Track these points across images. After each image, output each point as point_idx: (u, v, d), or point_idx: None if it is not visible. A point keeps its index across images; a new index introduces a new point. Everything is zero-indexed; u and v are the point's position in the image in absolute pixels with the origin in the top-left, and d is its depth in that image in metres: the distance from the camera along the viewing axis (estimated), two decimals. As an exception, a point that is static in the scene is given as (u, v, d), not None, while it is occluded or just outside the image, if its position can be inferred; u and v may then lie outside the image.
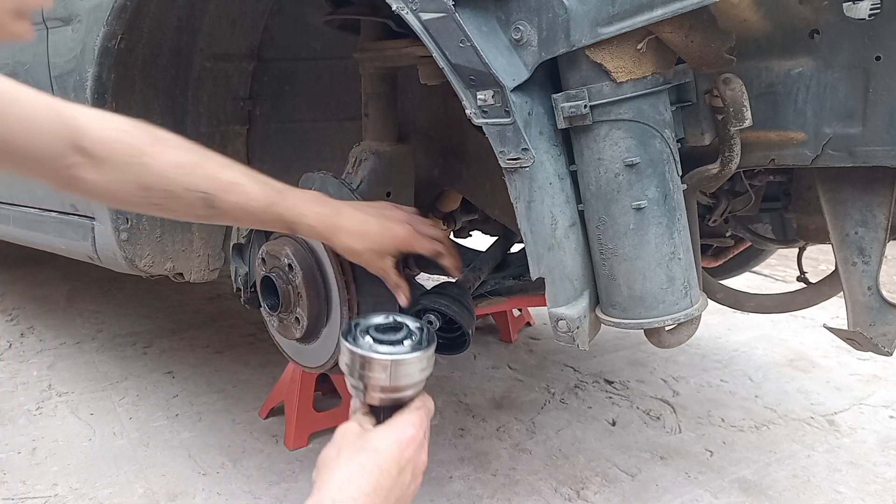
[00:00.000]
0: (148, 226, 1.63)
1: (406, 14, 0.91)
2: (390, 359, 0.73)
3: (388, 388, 0.75)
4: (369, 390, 0.75)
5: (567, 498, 1.67)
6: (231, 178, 0.95)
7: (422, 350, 0.76)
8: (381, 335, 0.77)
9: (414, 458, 0.74)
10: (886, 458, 1.86)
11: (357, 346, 0.75)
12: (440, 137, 1.48)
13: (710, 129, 0.95)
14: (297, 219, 0.99)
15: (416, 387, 0.77)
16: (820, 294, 1.30)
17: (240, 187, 0.95)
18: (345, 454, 0.72)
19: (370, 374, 0.74)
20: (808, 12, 0.84)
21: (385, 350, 0.74)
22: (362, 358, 0.74)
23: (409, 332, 0.78)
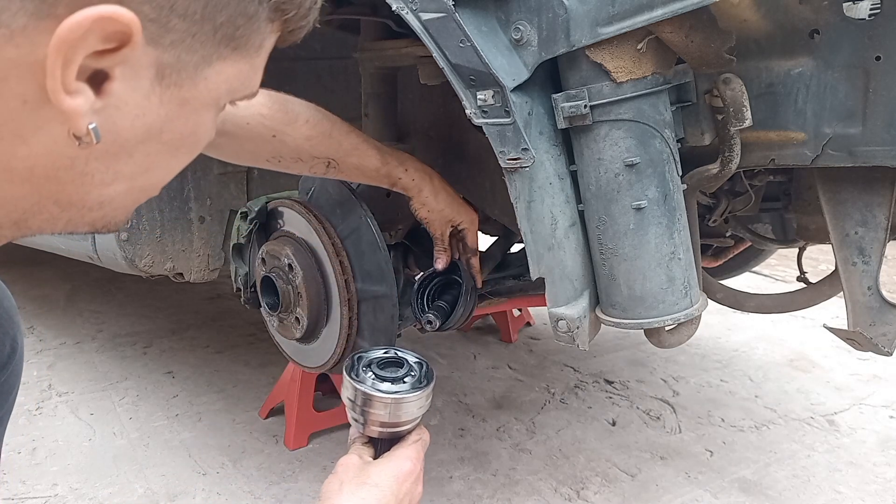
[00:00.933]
0: (148, 226, 1.63)
1: (406, 14, 0.91)
2: (392, 398, 0.77)
3: (387, 423, 0.78)
4: (369, 424, 0.79)
5: (567, 498, 1.67)
6: (352, 143, 1.10)
7: (421, 389, 0.79)
8: (383, 371, 0.81)
9: (410, 491, 0.78)
10: (886, 458, 1.86)
11: (360, 381, 0.78)
12: (440, 137, 1.48)
13: (710, 129, 0.95)
14: (400, 173, 1.15)
15: (415, 422, 0.80)
16: (820, 294, 1.30)
17: (358, 151, 1.11)
18: (347, 488, 0.75)
19: (371, 410, 0.77)
20: (808, 12, 0.84)
21: (387, 388, 0.78)
22: (365, 395, 0.77)
23: (409, 368, 0.82)
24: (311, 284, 1.23)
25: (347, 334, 1.23)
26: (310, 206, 1.26)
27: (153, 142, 0.52)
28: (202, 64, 0.51)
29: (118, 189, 0.54)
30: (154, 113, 0.50)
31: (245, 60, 0.55)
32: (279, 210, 1.32)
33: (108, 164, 0.51)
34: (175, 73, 0.50)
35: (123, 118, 0.49)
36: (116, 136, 0.49)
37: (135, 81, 0.48)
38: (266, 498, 1.65)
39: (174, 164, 0.58)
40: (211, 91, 0.54)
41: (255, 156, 1.07)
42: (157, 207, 1.64)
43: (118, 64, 0.46)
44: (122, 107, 0.48)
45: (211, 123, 0.58)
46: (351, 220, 1.21)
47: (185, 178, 1.65)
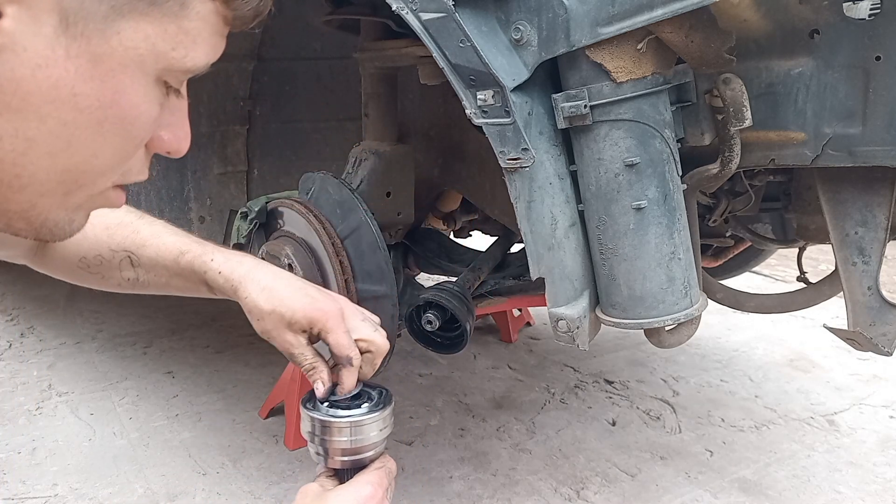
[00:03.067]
0: (148, 226, 1.63)
1: (406, 14, 0.91)
2: (348, 421, 0.75)
3: (348, 450, 0.76)
4: (330, 454, 0.77)
5: (567, 498, 1.67)
6: (151, 232, 0.89)
7: (379, 411, 0.77)
8: (339, 400, 0.79)
9: None
10: (886, 458, 1.86)
11: (316, 410, 0.77)
12: (440, 137, 1.48)
13: (710, 129, 0.95)
14: (205, 266, 0.87)
15: (377, 447, 0.78)
16: (820, 294, 1.30)
17: (156, 238, 0.89)
18: None
19: (330, 438, 0.76)
20: (808, 12, 0.84)
21: (343, 413, 0.76)
22: (322, 423, 0.76)
23: (367, 396, 0.80)
24: (311, 284, 1.23)
25: (347, 334, 1.23)
26: (310, 205, 1.26)
27: (66, 106, 0.48)
28: (112, 14, 0.47)
29: (38, 164, 0.49)
30: (61, 66, 0.46)
31: (169, 20, 0.50)
32: (279, 210, 1.32)
33: (14, 123, 0.47)
34: (81, 22, 0.46)
35: (22, 64, 0.45)
36: (17, 85, 0.45)
37: (34, 26, 0.44)
38: (266, 498, 1.65)
39: (102, 143, 0.51)
40: (128, 49, 0.48)
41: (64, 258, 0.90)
42: (157, 207, 1.64)
43: (11, 2, 0.43)
44: (21, 52, 0.44)
45: (140, 95, 0.51)
46: (351, 220, 1.21)
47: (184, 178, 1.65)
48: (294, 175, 1.30)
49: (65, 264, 0.90)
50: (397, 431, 1.96)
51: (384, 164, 1.35)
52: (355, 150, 1.39)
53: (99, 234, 0.88)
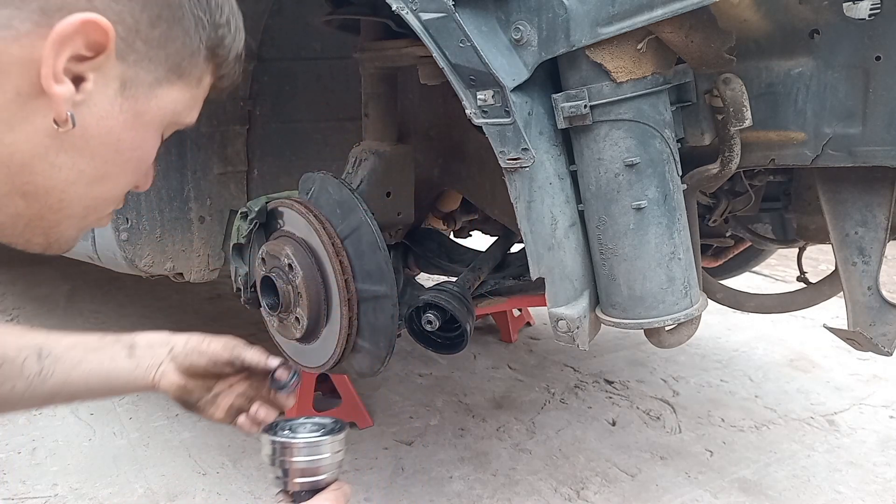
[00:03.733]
0: (148, 226, 1.63)
1: (406, 14, 0.91)
2: (305, 441, 0.82)
3: (306, 471, 0.82)
4: (289, 477, 0.82)
5: (567, 498, 1.67)
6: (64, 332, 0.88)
7: (333, 434, 0.83)
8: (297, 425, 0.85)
9: None
10: (886, 458, 1.86)
11: (274, 434, 0.83)
12: (440, 137, 1.48)
13: (710, 129, 0.95)
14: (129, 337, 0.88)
15: (332, 470, 0.83)
16: (820, 294, 1.30)
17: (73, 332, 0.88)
18: None
19: (287, 459, 0.81)
20: (808, 12, 0.84)
21: (301, 436, 0.83)
22: (280, 444, 0.81)
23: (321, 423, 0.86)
24: (311, 284, 1.23)
25: (347, 334, 1.23)
26: (310, 205, 1.26)
27: (112, 148, 0.62)
28: (155, 84, 0.62)
29: (77, 192, 0.62)
30: (115, 118, 0.60)
31: (188, 90, 0.66)
32: (279, 210, 1.32)
33: (74, 159, 0.60)
34: (134, 87, 0.61)
35: (92, 115, 0.59)
36: (85, 130, 0.59)
37: (104, 87, 0.59)
38: (266, 498, 1.65)
39: (122, 177, 0.66)
40: (160, 109, 0.64)
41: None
42: (157, 207, 1.64)
43: (93, 70, 0.57)
44: (93, 106, 0.58)
45: (153, 144, 0.67)
46: (351, 220, 1.21)
47: (185, 178, 1.65)
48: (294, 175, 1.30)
49: None
50: (397, 431, 1.97)
51: (384, 164, 1.35)
52: (355, 150, 1.39)
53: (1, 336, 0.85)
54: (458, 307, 1.22)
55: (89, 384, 0.86)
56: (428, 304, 1.22)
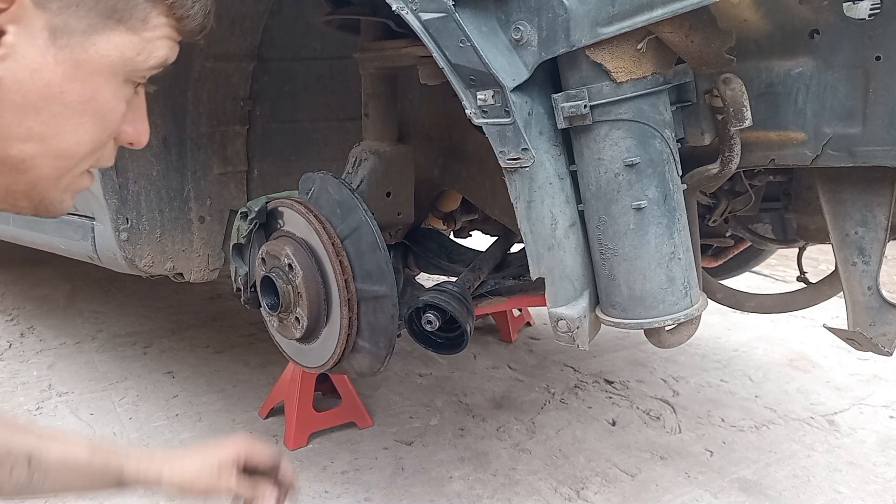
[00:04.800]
0: (148, 226, 1.63)
1: (406, 14, 0.91)
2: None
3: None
4: None
5: (567, 498, 1.67)
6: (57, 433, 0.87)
7: None
8: None
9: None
10: (886, 458, 1.86)
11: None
12: (440, 137, 1.48)
13: (710, 129, 0.95)
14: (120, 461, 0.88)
15: None
16: (820, 294, 1.30)
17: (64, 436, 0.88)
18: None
19: None
20: (808, 12, 0.84)
21: None
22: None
23: None
24: (311, 284, 1.23)
25: (347, 334, 1.23)
26: (310, 206, 1.26)
27: (56, 102, 0.60)
28: (90, 31, 0.60)
29: (35, 150, 0.61)
30: (51, 70, 0.59)
31: (133, 33, 0.63)
32: (279, 210, 1.32)
33: (18, 117, 0.59)
34: (66, 36, 0.59)
35: (23, 69, 0.58)
36: (19, 86, 0.58)
37: (30, 39, 0.57)
38: (266, 498, 1.65)
39: (83, 130, 0.63)
40: (104, 56, 0.61)
41: None
42: (157, 207, 1.64)
43: (11, 22, 0.56)
44: (21, 59, 0.57)
45: (112, 93, 0.64)
46: (351, 220, 1.21)
47: (185, 178, 1.65)
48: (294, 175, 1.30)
49: None
50: (397, 431, 1.97)
51: (384, 164, 1.35)
52: (355, 150, 1.39)
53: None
54: (458, 308, 1.22)
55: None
56: (428, 305, 1.22)
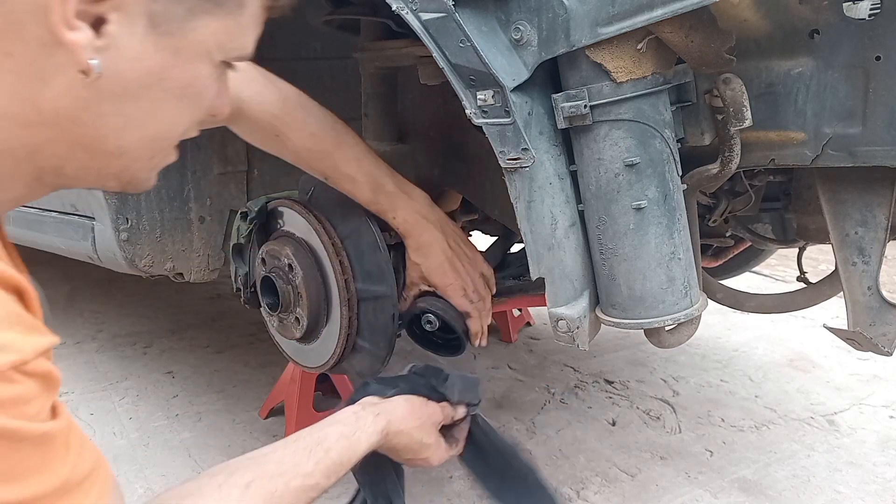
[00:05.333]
0: (148, 226, 1.63)
1: (406, 14, 0.91)
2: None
3: None
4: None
5: (567, 498, 1.67)
6: (347, 173, 1.11)
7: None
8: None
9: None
10: (886, 458, 1.86)
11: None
12: (440, 137, 1.48)
13: (710, 129, 0.95)
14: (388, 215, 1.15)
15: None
16: (820, 294, 1.30)
17: (352, 182, 1.12)
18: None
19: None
20: (808, 12, 0.84)
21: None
22: None
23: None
24: (311, 284, 1.23)
25: (347, 334, 1.23)
26: (310, 206, 1.26)
27: (155, 88, 0.60)
28: (188, 16, 0.59)
29: (132, 136, 0.62)
30: (151, 58, 0.58)
31: (230, 17, 0.63)
32: (279, 210, 1.32)
33: (117, 106, 0.59)
34: (166, 23, 0.58)
35: (123, 59, 0.57)
36: (119, 76, 0.57)
37: (130, 27, 0.56)
38: (266, 498, 1.65)
39: (180, 113, 0.65)
40: (200, 42, 0.61)
41: (263, 146, 1.13)
42: (156, 207, 1.64)
43: (113, 10, 0.55)
44: (122, 49, 0.56)
45: (208, 77, 0.65)
46: (351, 220, 1.21)
47: (184, 178, 1.65)
48: (294, 175, 1.30)
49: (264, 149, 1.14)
50: (397, 431, 1.96)
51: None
52: (355, 150, 1.39)
53: (301, 153, 1.10)
54: (456, 316, 1.23)
55: None
56: (424, 312, 1.23)
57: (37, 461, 0.50)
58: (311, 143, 1.10)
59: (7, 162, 0.58)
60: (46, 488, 0.51)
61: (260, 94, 1.07)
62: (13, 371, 0.48)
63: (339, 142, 1.11)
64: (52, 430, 0.52)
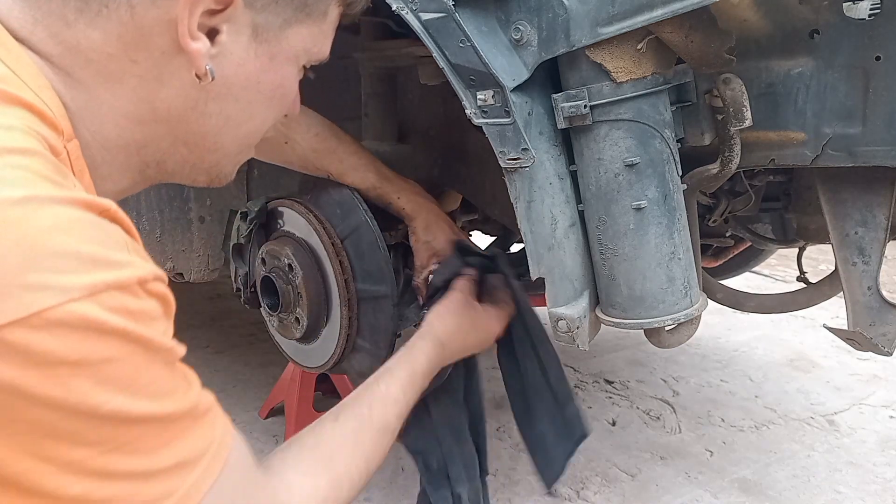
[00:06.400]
0: (148, 226, 1.63)
1: (406, 14, 0.91)
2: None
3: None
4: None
5: (567, 498, 1.67)
6: (352, 164, 1.17)
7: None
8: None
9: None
10: (886, 458, 1.86)
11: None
12: (440, 137, 1.48)
13: (710, 129, 0.95)
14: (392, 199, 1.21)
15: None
16: (820, 294, 1.30)
17: (357, 172, 1.18)
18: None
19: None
20: (808, 12, 0.84)
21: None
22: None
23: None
24: (311, 284, 1.23)
25: (347, 334, 1.23)
26: (310, 205, 1.26)
27: (252, 90, 0.68)
28: (284, 25, 0.67)
29: (229, 134, 0.69)
30: (252, 63, 0.66)
31: (315, 25, 0.71)
32: (279, 210, 1.32)
33: (221, 105, 0.67)
34: (265, 32, 0.66)
35: (230, 65, 0.65)
36: (225, 79, 0.65)
37: (237, 36, 0.64)
38: (266, 498, 1.65)
39: (268, 113, 0.72)
40: (292, 48, 0.69)
41: (272, 157, 1.20)
42: (156, 207, 1.64)
43: (225, 21, 0.62)
44: (229, 56, 0.64)
45: (293, 79, 0.73)
46: (351, 220, 1.21)
47: (185, 178, 1.65)
48: (294, 175, 1.30)
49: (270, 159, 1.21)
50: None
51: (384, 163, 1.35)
52: (355, 150, 1.39)
53: (308, 154, 1.17)
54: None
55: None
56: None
57: (168, 380, 0.54)
58: (316, 142, 1.16)
59: (120, 156, 0.65)
60: (180, 408, 0.54)
61: None
62: (138, 286, 0.50)
63: (339, 137, 1.18)
64: (179, 350, 0.56)
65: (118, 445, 0.49)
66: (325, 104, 1.25)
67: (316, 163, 1.18)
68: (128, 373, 0.49)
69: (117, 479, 0.49)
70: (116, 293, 0.48)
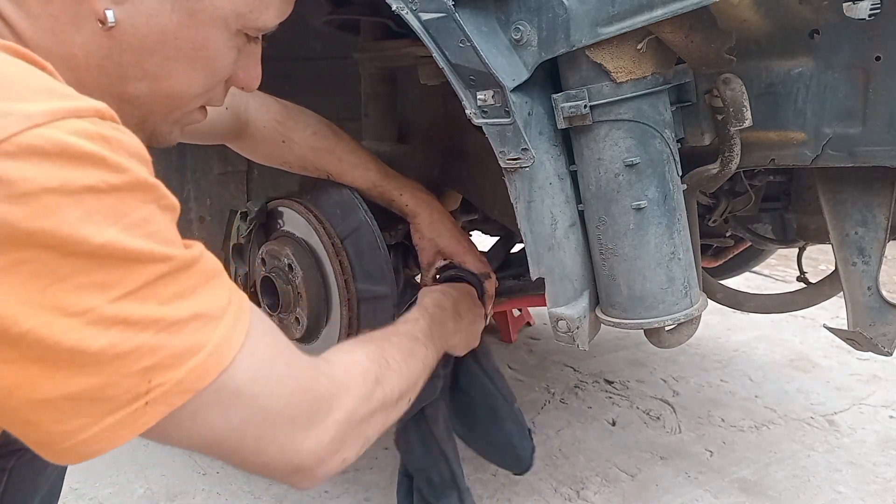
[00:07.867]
0: (148, 226, 1.63)
1: (406, 14, 0.91)
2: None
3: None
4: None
5: (567, 498, 1.67)
6: (352, 162, 1.18)
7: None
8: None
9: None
10: (886, 458, 1.86)
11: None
12: (440, 137, 1.48)
13: (710, 129, 0.95)
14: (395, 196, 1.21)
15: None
16: (820, 294, 1.30)
17: (357, 170, 1.18)
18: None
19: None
20: (808, 12, 0.84)
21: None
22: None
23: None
24: (311, 284, 1.23)
25: (347, 334, 1.23)
26: (309, 205, 1.26)
27: (170, 45, 0.65)
28: None
29: (146, 87, 0.67)
30: (166, 16, 0.63)
31: None
32: (279, 210, 1.32)
33: (135, 58, 0.65)
34: None
35: (140, 14, 0.62)
36: (136, 29, 0.63)
37: None
38: (266, 498, 1.65)
39: (193, 74, 0.69)
40: (217, 8, 0.66)
41: (270, 159, 1.21)
42: (157, 207, 1.64)
43: None
44: (139, 5, 0.62)
45: (222, 42, 0.69)
46: (351, 220, 1.21)
47: (185, 178, 1.65)
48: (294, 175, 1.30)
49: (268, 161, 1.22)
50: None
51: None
52: (355, 150, 1.39)
53: (306, 154, 1.17)
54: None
55: None
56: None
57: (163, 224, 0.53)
58: (314, 140, 1.16)
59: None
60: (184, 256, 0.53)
61: (265, 103, 1.15)
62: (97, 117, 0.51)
63: (338, 136, 1.18)
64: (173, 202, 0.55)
65: (127, 291, 0.48)
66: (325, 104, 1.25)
67: (315, 162, 1.18)
68: (115, 205, 0.48)
69: (137, 327, 0.48)
70: (78, 120, 0.48)
